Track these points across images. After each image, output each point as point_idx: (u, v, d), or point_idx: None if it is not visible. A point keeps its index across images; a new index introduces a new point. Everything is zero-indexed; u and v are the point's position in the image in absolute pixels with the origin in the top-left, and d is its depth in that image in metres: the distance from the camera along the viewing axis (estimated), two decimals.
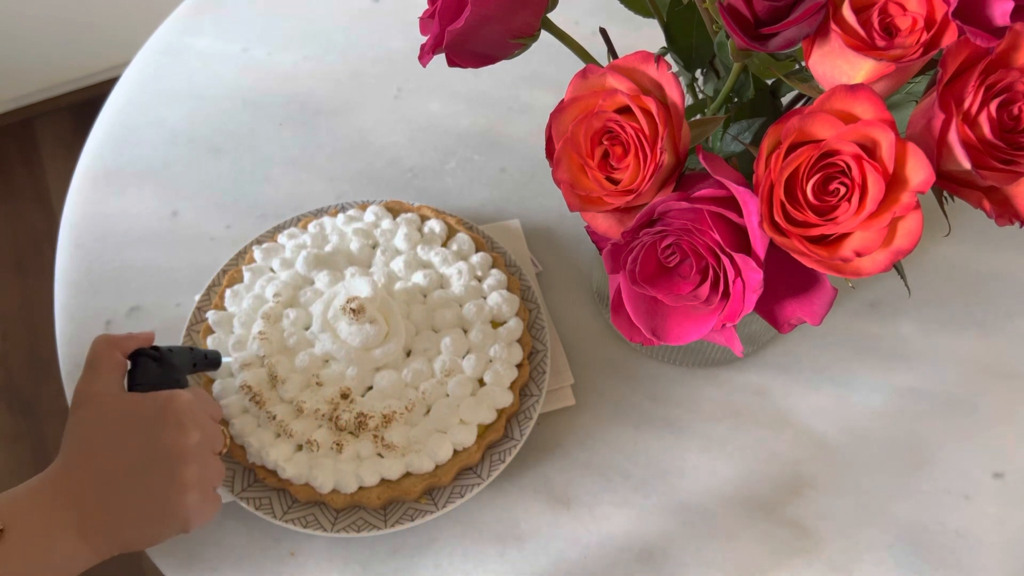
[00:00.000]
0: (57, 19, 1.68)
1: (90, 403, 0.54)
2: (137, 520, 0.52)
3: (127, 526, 0.51)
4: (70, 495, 0.50)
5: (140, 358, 0.59)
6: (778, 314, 0.47)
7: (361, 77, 0.89)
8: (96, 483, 0.51)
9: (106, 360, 0.56)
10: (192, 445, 0.54)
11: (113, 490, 0.51)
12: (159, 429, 0.53)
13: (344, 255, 0.71)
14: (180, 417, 0.54)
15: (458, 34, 0.48)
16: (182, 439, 0.53)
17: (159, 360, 0.59)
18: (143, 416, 0.54)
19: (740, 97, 0.53)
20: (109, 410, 0.54)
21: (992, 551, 0.62)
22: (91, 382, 0.55)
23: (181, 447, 0.53)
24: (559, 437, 0.67)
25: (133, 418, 0.53)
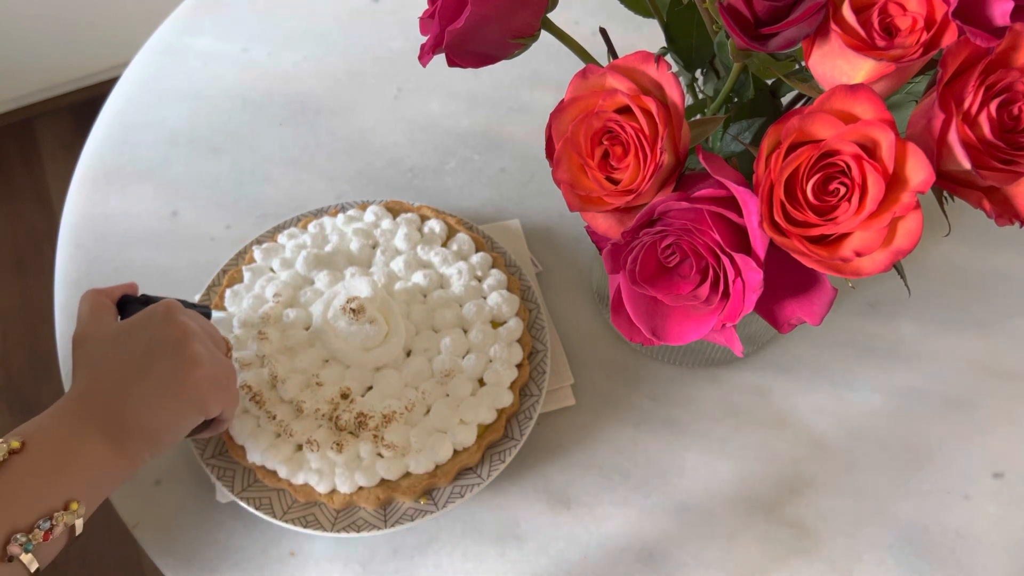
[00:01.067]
0: (57, 19, 1.68)
1: (87, 339, 0.56)
2: (154, 408, 0.52)
3: (146, 417, 0.52)
4: (87, 407, 0.51)
5: (128, 304, 0.61)
6: (778, 314, 0.47)
7: (361, 77, 0.89)
8: (109, 389, 0.52)
9: (95, 306, 0.59)
10: (189, 329, 0.56)
11: (125, 389, 0.52)
12: (153, 325, 0.55)
13: (344, 255, 0.71)
14: (170, 309, 0.57)
15: (458, 34, 0.48)
16: (179, 325, 0.55)
17: (146, 304, 0.61)
18: (136, 324, 0.56)
19: (740, 97, 0.53)
20: (106, 335, 0.56)
21: (992, 551, 0.62)
22: (84, 327, 0.58)
23: (180, 330, 0.55)
24: (559, 437, 0.67)
25: (129, 329, 0.56)
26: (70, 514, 0.48)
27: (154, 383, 0.53)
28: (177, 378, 0.53)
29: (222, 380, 0.56)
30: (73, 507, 0.48)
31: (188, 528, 0.64)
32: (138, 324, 0.56)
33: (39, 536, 0.46)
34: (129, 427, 0.51)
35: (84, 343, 0.56)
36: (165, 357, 0.54)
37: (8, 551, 0.45)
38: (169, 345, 0.54)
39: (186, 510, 0.64)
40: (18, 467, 0.47)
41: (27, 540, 0.46)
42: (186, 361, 0.54)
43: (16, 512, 0.46)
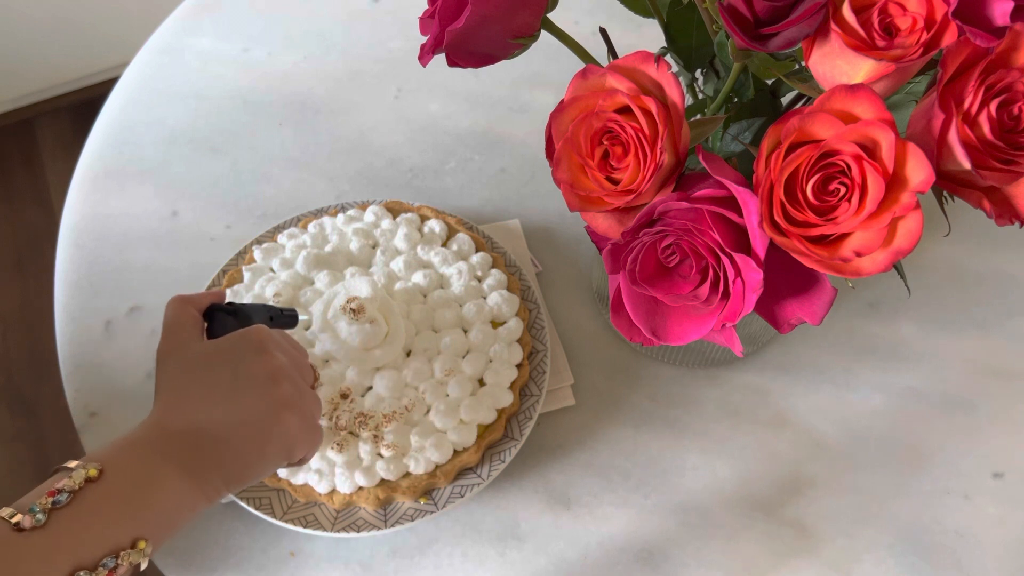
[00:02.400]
0: (57, 19, 1.68)
1: (172, 356, 0.53)
2: (237, 449, 0.49)
3: (229, 457, 0.49)
4: (168, 437, 0.48)
5: (216, 314, 0.57)
6: (778, 314, 0.47)
7: (361, 77, 0.89)
8: (192, 421, 0.49)
9: (182, 317, 0.55)
10: (279, 365, 0.52)
11: (209, 423, 0.49)
12: (242, 357, 0.52)
13: (344, 255, 0.71)
14: (262, 343, 0.53)
15: (458, 34, 0.48)
16: (268, 360, 0.52)
17: (235, 315, 0.57)
18: (225, 351, 0.52)
19: (740, 97, 0.53)
20: (192, 356, 0.53)
21: (992, 551, 0.62)
22: (170, 340, 0.54)
23: (269, 368, 0.52)
24: (559, 437, 0.67)
25: (216, 356, 0.52)
26: (136, 553, 0.44)
27: (240, 423, 0.50)
28: (265, 420, 0.50)
29: (309, 422, 0.53)
30: (140, 546, 0.45)
31: (188, 528, 0.64)
32: (226, 351, 0.52)
33: (102, 574, 0.43)
34: (208, 463, 0.48)
35: (168, 361, 0.53)
36: (253, 394, 0.50)
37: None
38: (259, 382, 0.51)
39: None
40: (92, 498, 0.44)
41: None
42: (275, 403, 0.51)
43: (83, 548, 0.43)
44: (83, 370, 0.71)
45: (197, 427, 0.49)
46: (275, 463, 0.51)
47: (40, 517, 0.42)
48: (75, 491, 0.44)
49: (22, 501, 0.44)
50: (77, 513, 0.43)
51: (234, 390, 0.50)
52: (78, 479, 0.44)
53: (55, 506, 0.43)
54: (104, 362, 0.71)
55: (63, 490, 0.44)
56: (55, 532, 0.43)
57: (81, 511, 0.44)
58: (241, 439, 0.49)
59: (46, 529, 0.42)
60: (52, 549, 0.42)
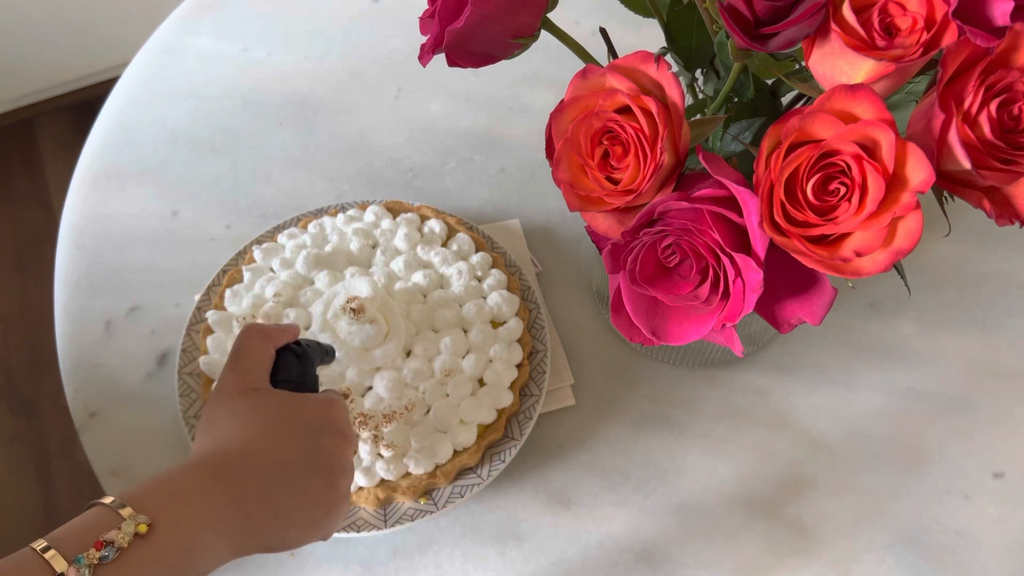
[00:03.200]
0: (57, 19, 1.68)
1: (246, 397, 0.50)
2: (289, 523, 0.48)
3: (277, 528, 0.48)
4: (226, 492, 0.46)
5: (283, 352, 0.55)
6: (778, 314, 0.47)
7: (361, 77, 0.89)
8: (255, 481, 0.47)
9: (258, 353, 0.53)
10: (350, 455, 0.52)
11: (272, 490, 0.47)
12: (323, 435, 0.50)
13: (344, 255, 0.71)
14: (342, 426, 0.52)
15: (458, 34, 0.48)
16: (345, 449, 0.51)
17: (300, 356, 0.56)
18: (307, 418, 0.51)
19: (740, 97, 0.53)
20: (267, 405, 0.50)
21: (992, 551, 0.62)
22: (243, 373, 0.52)
23: (343, 457, 0.51)
24: (559, 437, 0.67)
25: (296, 419, 0.50)
26: None
27: (299, 502, 0.48)
28: (324, 507, 0.49)
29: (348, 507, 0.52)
30: None
31: None
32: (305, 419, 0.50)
33: None
34: (255, 532, 0.47)
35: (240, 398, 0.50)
36: (319, 481, 0.49)
37: None
38: (330, 468, 0.49)
39: None
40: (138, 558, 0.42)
41: None
42: (337, 493, 0.50)
43: None
44: (83, 370, 0.71)
45: (258, 490, 0.47)
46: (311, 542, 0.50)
47: (85, 573, 0.40)
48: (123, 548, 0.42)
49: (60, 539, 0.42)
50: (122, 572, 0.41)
51: (306, 466, 0.49)
52: (127, 534, 0.42)
53: (101, 561, 0.41)
54: (104, 362, 0.71)
55: (111, 544, 0.41)
56: None
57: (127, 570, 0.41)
58: (296, 518, 0.48)
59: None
60: None
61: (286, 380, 0.54)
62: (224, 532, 0.45)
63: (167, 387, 0.69)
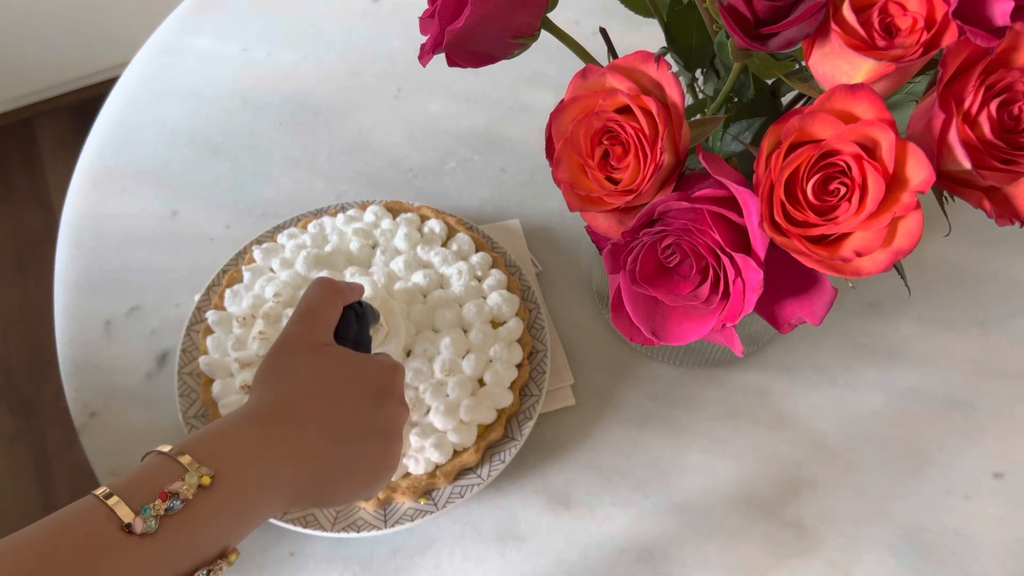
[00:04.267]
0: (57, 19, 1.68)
1: (314, 352, 0.51)
2: (342, 483, 0.49)
3: (329, 487, 0.48)
4: (289, 447, 0.46)
5: (346, 311, 0.56)
6: (778, 314, 0.47)
7: (361, 77, 0.89)
8: (317, 439, 0.47)
9: (329, 308, 0.53)
10: (403, 422, 0.53)
11: (332, 449, 0.48)
12: (385, 399, 0.51)
13: (344, 255, 0.71)
14: (401, 392, 0.53)
15: (458, 34, 0.48)
16: (401, 415, 0.52)
17: (360, 316, 0.57)
18: (371, 381, 0.51)
19: (740, 97, 0.53)
20: (336, 363, 0.51)
21: (992, 551, 0.62)
22: (313, 327, 0.52)
23: (399, 423, 0.52)
24: (559, 437, 0.67)
25: (362, 381, 0.51)
26: (226, 563, 0.43)
27: (355, 464, 0.49)
28: (375, 469, 0.50)
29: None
30: (231, 558, 0.44)
31: None
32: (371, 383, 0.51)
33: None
34: (310, 489, 0.47)
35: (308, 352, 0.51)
36: (377, 445, 0.50)
37: None
38: (384, 433, 0.51)
39: None
40: (203, 510, 0.42)
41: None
42: (390, 458, 0.51)
43: (185, 559, 0.41)
44: (83, 370, 0.71)
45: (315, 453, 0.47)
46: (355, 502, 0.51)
47: (152, 524, 0.40)
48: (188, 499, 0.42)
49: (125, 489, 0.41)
50: (187, 525, 0.41)
51: (367, 429, 0.49)
52: (191, 486, 0.42)
53: (168, 512, 0.41)
54: (104, 362, 0.71)
55: (177, 495, 0.41)
56: (163, 542, 0.41)
57: (190, 523, 0.42)
58: (349, 478, 0.49)
59: (155, 538, 0.40)
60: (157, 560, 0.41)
61: (345, 338, 0.54)
62: (282, 487, 0.46)
63: (167, 387, 0.69)
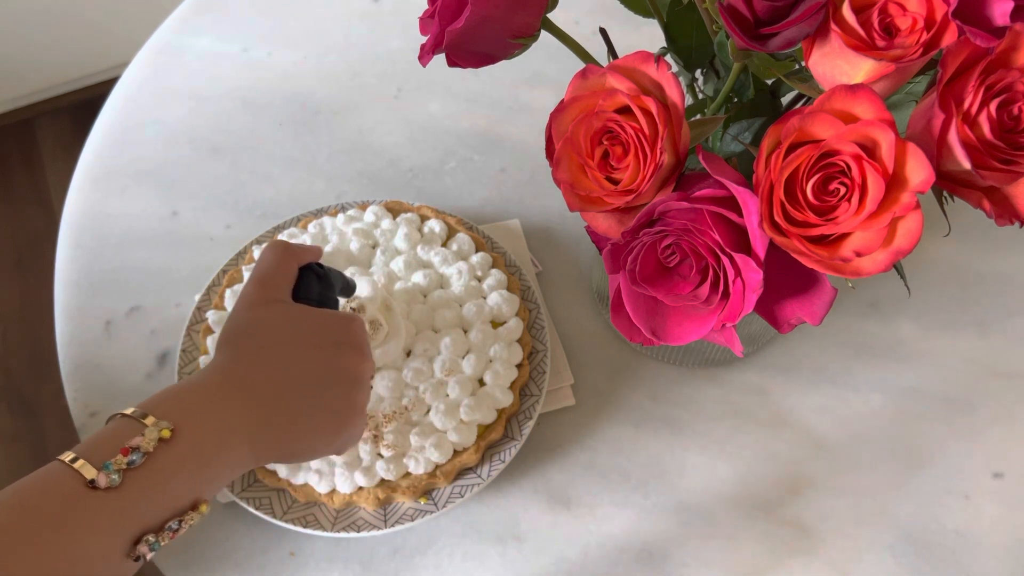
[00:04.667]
0: (57, 19, 1.68)
1: (268, 307, 0.52)
2: (306, 433, 0.49)
3: (295, 437, 0.49)
4: (246, 398, 0.48)
5: (305, 272, 0.56)
6: (778, 314, 0.47)
7: (361, 77, 0.89)
8: (274, 390, 0.49)
9: (282, 267, 0.54)
10: (366, 370, 0.53)
11: (291, 399, 0.49)
12: (342, 349, 0.52)
13: (344, 255, 0.71)
14: (360, 341, 0.53)
15: (458, 34, 0.48)
16: (361, 363, 0.52)
17: (321, 278, 0.57)
18: (326, 332, 0.52)
19: (740, 97, 0.53)
20: (289, 318, 0.51)
21: (992, 551, 0.62)
22: (265, 287, 0.53)
23: (359, 371, 0.52)
24: (559, 437, 0.67)
25: (317, 332, 0.51)
26: (197, 514, 0.44)
27: (317, 413, 0.50)
28: (337, 417, 0.51)
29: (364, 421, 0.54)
30: (202, 508, 0.45)
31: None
32: (327, 332, 0.52)
33: (167, 536, 0.43)
34: (274, 438, 0.48)
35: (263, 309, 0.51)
36: (337, 393, 0.51)
37: (137, 551, 0.42)
38: (343, 381, 0.51)
39: None
40: (165, 461, 0.43)
41: (156, 540, 0.42)
42: (352, 406, 0.51)
43: (152, 511, 0.43)
44: (83, 370, 0.71)
45: (275, 399, 0.48)
46: (324, 455, 0.52)
47: (115, 478, 0.42)
48: (149, 452, 0.43)
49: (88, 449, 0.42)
50: (150, 476, 0.43)
51: (325, 378, 0.50)
52: (151, 439, 0.43)
53: (129, 466, 0.42)
54: (104, 362, 0.71)
55: (138, 449, 0.43)
56: (128, 495, 0.42)
57: (154, 475, 0.43)
58: (310, 429, 0.50)
59: (119, 491, 0.42)
60: (124, 512, 0.42)
61: (306, 299, 0.55)
62: (244, 438, 0.47)
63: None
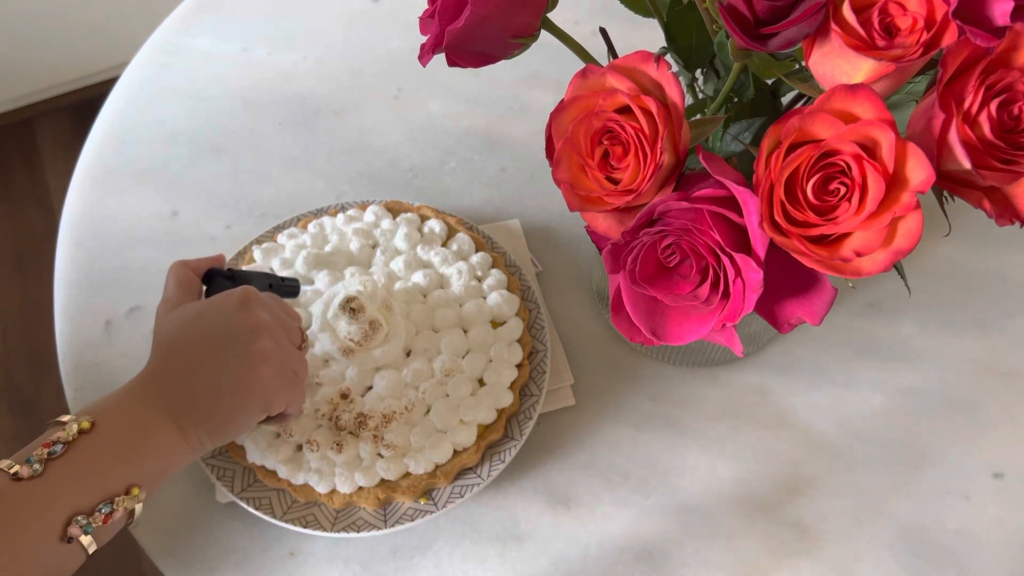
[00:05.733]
0: (57, 19, 1.68)
1: (168, 315, 0.56)
2: (219, 400, 0.52)
3: (211, 409, 0.52)
4: (158, 388, 0.51)
5: (215, 278, 0.60)
6: (778, 314, 0.47)
7: (361, 77, 0.89)
8: (179, 374, 0.52)
9: (180, 280, 0.58)
10: (260, 322, 0.54)
11: (193, 376, 0.52)
12: (227, 313, 0.54)
13: (344, 255, 0.71)
14: (246, 300, 0.55)
15: (458, 34, 0.48)
16: (250, 317, 0.54)
17: (233, 279, 0.60)
18: (214, 307, 0.55)
19: (740, 97, 0.53)
20: (185, 313, 0.55)
21: (992, 551, 0.62)
22: (168, 299, 0.57)
23: (250, 323, 0.54)
24: (559, 437, 0.67)
25: (206, 311, 0.55)
26: (131, 499, 0.48)
27: (219, 374, 0.52)
28: (241, 373, 0.53)
29: (289, 377, 0.55)
30: (134, 492, 0.48)
31: (188, 528, 0.64)
32: (213, 309, 0.55)
33: (99, 519, 0.46)
34: (194, 414, 0.51)
35: (163, 319, 0.56)
36: (232, 349, 0.53)
37: (68, 532, 0.45)
38: (238, 337, 0.53)
39: (186, 510, 0.64)
40: (86, 448, 0.47)
41: (87, 523, 0.46)
42: (252, 356, 0.53)
43: (80, 494, 0.46)
44: (83, 370, 0.71)
45: (184, 380, 0.52)
46: (254, 416, 0.54)
47: (37, 467, 0.45)
48: (69, 442, 0.47)
49: (19, 454, 0.47)
50: (72, 462, 0.47)
51: (217, 346, 0.53)
52: (71, 431, 0.47)
53: (51, 456, 0.46)
54: (104, 362, 0.71)
55: (58, 441, 0.47)
56: (52, 481, 0.46)
57: (76, 460, 0.47)
58: (222, 393, 0.52)
59: (43, 478, 0.45)
60: (50, 496, 0.45)
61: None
62: (168, 422, 0.50)
63: None
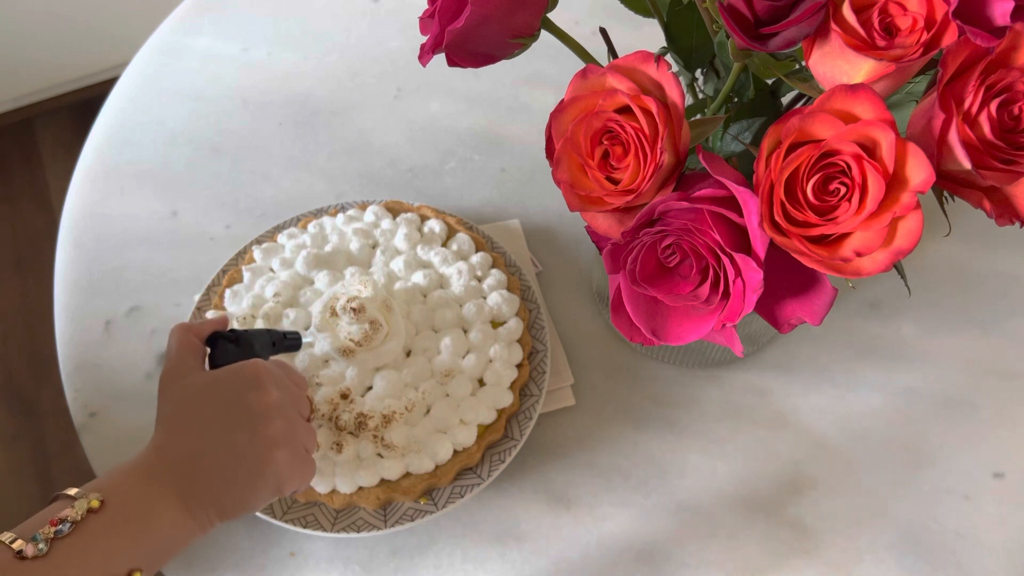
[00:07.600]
0: (57, 19, 1.68)
1: (173, 386, 0.55)
2: (230, 483, 0.51)
3: (222, 491, 0.51)
4: (166, 467, 0.50)
5: (218, 341, 0.59)
6: (778, 314, 0.47)
7: (361, 77, 0.89)
8: (188, 452, 0.51)
9: (183, 346, 0.57)
10: (272, 402, 0.54)
11: (204, 456, 0.51)
12: (239, 391, 0.53)
13: (344, 255, 0.71)
14: (258, 378, 0.54)
15: (458, 34, 0.48)
16: (262, 397, 0.53)
17: (237, 342, 0.59)
18: (223, 383, 0.54)
19: (740, 97, 0.53)
20: (191, 387, 0.54)
21: (992, 551, 0.62)
22: (170, 367, 0.56)
23: (263, 404, 0.53)
24: (559, 437, 0.67)
25: (215, 387, 0.54)
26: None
27: (230, 459, 0.51)
28: (253, 456, 0.51)
29: (302, 457, 0.54)
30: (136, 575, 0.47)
31: None
32: (223, 385, 0.54)
33: None
34: (203, 495, 0.50)
35: (169, 390, 0.55)
36: (245, 430, 0.52)
37: None
38: (252, 419, 0.52)
39: None
40: (93, 529, 0.46)
41: None
42: (266, 440, 0.52)
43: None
44: (83, 370, 0.71)
45: (194, 460, 0.51)
46: (266, 497, 0.53)
47: (42, 547, 0.44)
48: (77, 522, 0.45)
49: (24, 527, 0.45)
50: (78, 544, 0.45)
51: (228, 426, 0.52)
52: (80, 510, 0.46)
53: (57, 536, 0.45)
54: (104, 362, 0.71)
55: (66, 520, 0.45)
56: (56, 562, 0.44)
57: (82, 542, 0.45)
58: (234, 474, 0.51)
59: (48, 559, 0.44)
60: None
61: (225, 365, 0.57)
62: (176, 502, 0.49)
63: None
